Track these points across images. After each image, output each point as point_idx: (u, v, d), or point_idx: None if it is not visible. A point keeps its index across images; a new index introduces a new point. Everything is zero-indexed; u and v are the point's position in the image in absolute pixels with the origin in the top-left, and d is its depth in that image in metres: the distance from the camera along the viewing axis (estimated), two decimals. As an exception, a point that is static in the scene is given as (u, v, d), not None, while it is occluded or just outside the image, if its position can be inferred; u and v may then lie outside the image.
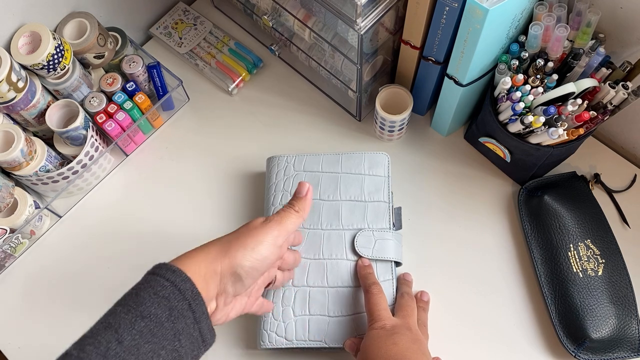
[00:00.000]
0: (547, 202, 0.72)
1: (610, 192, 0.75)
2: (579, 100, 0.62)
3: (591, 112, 0.62)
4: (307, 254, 0.68)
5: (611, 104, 0.62)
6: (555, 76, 0.63)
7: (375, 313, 0.60)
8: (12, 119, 0.73)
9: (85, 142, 0.74)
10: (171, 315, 0.46)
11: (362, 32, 0.62)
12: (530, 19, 0.65)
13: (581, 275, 0.68)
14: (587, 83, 0.62)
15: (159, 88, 0.81)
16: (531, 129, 0.64)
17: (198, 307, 0.48)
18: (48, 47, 0.67)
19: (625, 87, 0.61)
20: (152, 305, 0.46)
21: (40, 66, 0.68)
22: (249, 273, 0.52)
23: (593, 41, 0.61)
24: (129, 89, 0.78)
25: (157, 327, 0.45)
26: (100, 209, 0.79)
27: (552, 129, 0.62)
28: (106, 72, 0.79)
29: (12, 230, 0.73)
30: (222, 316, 0.53)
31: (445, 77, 0.69)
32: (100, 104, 0.77)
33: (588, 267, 0.68)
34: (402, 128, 0.77)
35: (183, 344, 0.47)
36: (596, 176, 0.75)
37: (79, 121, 0.73)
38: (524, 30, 0.66)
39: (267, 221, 0.55)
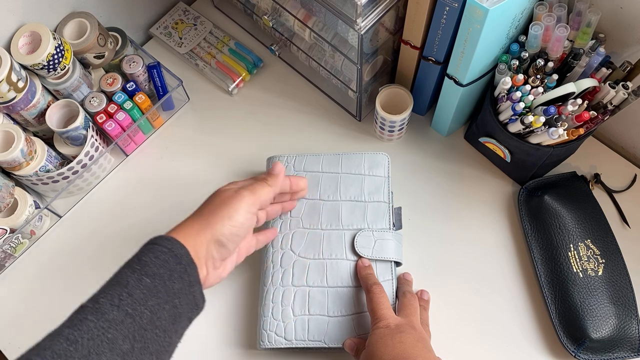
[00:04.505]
0: (547, 202, 0.72)
1: (610, 192, 0.75)
2: (579, 100, 0.62)
3: (591, 112, 0.62)
4: (306, 254, 0.68)
5: (611, 104, 0.62)
6: (555, 76, 0.63)
7: (378, 312, 0.60)
8: (12, 119, 0.73)
9: (85, 142, 0.74)
10: (171, 276, 0.51)
11: (362, 32, 0.62)
12: (530, 19, 0.65)
13: (581, 275, 0.68)
14: (587, 83, 0.62)
15: (159, 88, 0.81)
16: (531, 129, 0.64)
17: (192, 271, 0.53)
18: (48, 47, 0.67)
19: (625, 87, 0.61)
20: (155, 266, 0.50)
21: (41, 66, 0.68)
22: (229, 239, 0.57)
23: (593, 41, 0.61)
24: (129, 89, 0.78)
25: (161, 285, 0.50)
26: (101, 209, 0.79)
27: (552, 129, 0.62)
28: (106, 72, 0.79)
29: (12, 230, 0.73)
30: (215, 278, 0.58)
31: (445, 77, 0.69)
32: (101, 104, 0.77)
33: (588, 267, 0.68)
34: (402, 128, 0.77)
35: (182, 303, 0.52)
36: (596, 176, 0.75)
37: (79, 121, 0.73)
38: (524, 30, 0.66)
39: (239, 190, 0.60)
